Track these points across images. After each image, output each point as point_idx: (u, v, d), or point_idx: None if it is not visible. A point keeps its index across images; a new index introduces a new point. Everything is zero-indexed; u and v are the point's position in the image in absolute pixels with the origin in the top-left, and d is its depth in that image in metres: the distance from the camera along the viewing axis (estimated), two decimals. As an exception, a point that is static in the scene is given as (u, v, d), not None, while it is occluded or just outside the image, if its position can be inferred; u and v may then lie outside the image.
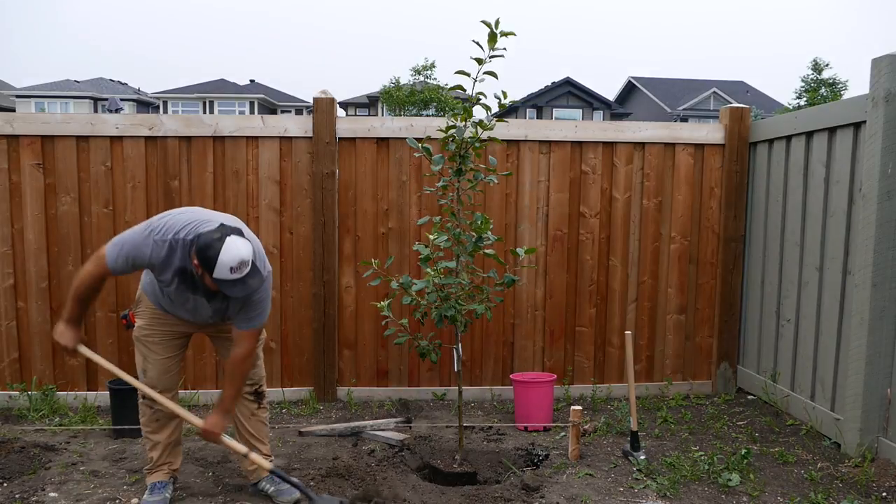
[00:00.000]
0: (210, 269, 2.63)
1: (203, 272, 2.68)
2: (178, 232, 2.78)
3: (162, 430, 3.10)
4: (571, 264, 4.77)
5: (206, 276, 2.68)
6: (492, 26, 3.15)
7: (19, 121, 4.39)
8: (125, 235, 2.86)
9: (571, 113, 39.64)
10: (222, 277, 2.64)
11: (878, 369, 3.54)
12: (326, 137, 4.49)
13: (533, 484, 3.27)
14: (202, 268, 2.67)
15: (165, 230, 2.79)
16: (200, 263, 2.66)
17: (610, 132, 4.74)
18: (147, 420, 3.10)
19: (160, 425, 3.10)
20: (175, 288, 2.85)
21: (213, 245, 2.63)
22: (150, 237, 2.78)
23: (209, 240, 2.65)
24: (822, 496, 3.18)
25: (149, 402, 3.08)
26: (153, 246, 2.77)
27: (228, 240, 2.65)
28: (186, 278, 2.81)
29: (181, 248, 2.77)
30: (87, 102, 42.67)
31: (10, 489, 3.23)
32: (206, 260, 2.64)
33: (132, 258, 2.80)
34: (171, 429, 3.13)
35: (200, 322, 3.06)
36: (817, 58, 32.51)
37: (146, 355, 3.06)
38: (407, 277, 3.47)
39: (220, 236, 2.66)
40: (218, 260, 2.61)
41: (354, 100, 45.51)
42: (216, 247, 2.63)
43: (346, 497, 3.09)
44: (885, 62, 3.44)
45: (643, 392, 4.78)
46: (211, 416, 2.98)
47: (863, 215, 3.58)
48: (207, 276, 2.67)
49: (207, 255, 2.63)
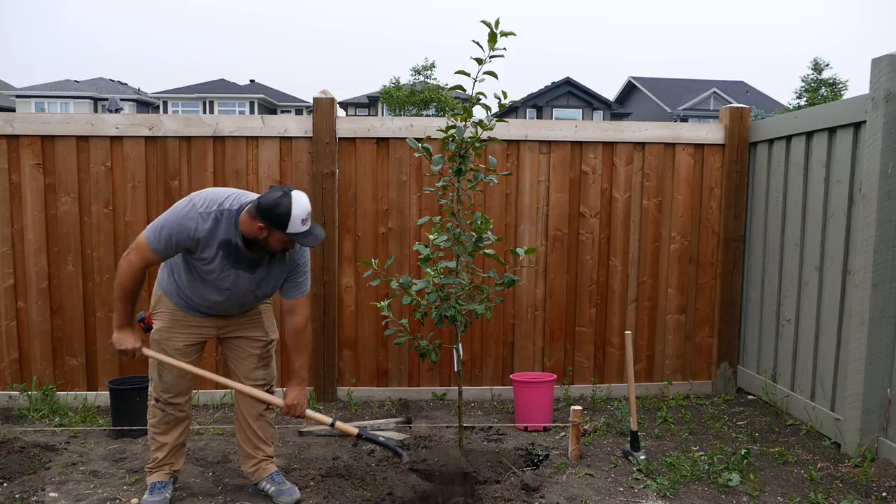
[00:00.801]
0: (283, 225, 2.68)
1: (270, 232, 2.72)
2: (221, 203, 2.80)
3: (171, 432, 3.09)
4: (571, 264, 4.77)
5: (272, 237, 2.73)
6: (492, 26, 3.15)
7: (19, 121, 4.39)
8: (162, 217, 2.81)
9: (571, 113, 39.61)
10: (295, 231, 2.71)
11: (878, 369, 3.54)
12: (326, 137, 4.49)
13: (533, 484, 3.27)
14: (271, 227, 2.70)
15: (208, 202, 2.79)
16: (269, 223, 2.70)
17: (610, 132, 4.75)
18: (157, 422, 3.07)
19: (169, 427, 3.09)
20: (217, 265, 2.82)
21: (282, 202, 2.68)
22: (192, 211, 2.77)
23: (274, 198, 2.69)
24: (822, 496, 3.17)
25: (162, 405, 3.04)
26: (198, 219, 2.76)
27: (294, 194, 2.72)
28: (230, 252, 2.81)
29: (226, 219, 2.78)
30: (87, 102, 42.67)
31: (10, 489, 3.23)
32: (277, 217, 2.68)
33: (175, 236, 2.76)
34: (180, 431, 3.12)
35: (228, 308, 3.00)
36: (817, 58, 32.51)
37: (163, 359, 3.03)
38: (407, 277, 3.47)
39: (283, 193, 2.71)
40: (291, 214, 2.68)
41: (354, 100, 45.50)
42: (285, 202, 2.68)
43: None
44: (885, 62, 3.44)
45: (643, 392, 4.78)
46: (290, 391, 3.03)
47: (863, 215, 3.58)
48: (277, 234, 2.72)
49: (278, 212, 2.67)
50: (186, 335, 3.02)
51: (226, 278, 2.87)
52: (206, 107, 44.35)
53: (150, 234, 2.79)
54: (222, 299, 2.95)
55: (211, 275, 2.85)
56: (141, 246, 2.80)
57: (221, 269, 2.84)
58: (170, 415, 3.06)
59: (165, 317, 3.01)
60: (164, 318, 3.01)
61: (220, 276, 2.86)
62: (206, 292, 2.93)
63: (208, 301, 2.96)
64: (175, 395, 3.04)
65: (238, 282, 2.89)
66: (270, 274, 2.95)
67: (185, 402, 3.10)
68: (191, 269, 2.89)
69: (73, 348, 4.49)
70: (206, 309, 3.00)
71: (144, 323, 3.03)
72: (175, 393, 3.04)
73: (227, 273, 2.86)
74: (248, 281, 2.91)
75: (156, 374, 3.04)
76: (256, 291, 2.98)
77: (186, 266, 2.90)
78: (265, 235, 2.75)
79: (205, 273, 2.86)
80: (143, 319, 3.03)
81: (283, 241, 2.77)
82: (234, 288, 2.91)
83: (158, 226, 2.79)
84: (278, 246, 2.80)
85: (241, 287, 2.92)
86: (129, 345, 2.92)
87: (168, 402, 3.04)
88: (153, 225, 2.81)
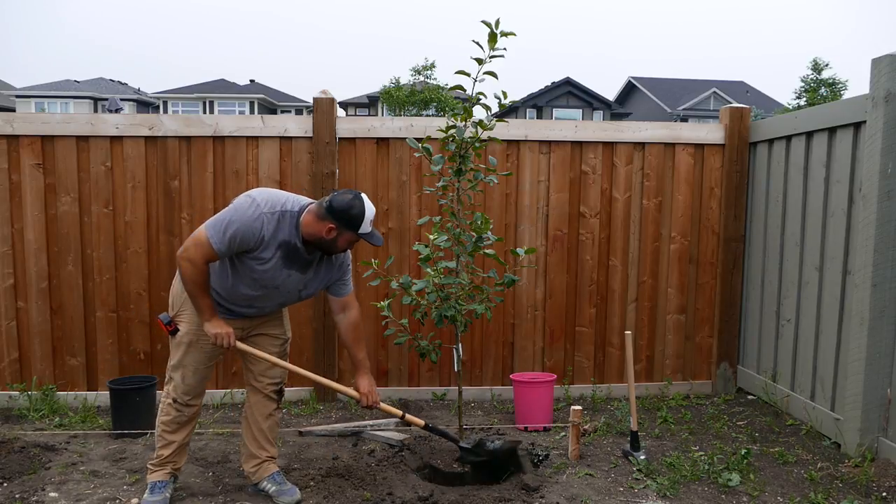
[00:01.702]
0: (356, 226, 2.83)
1: (340, 233, 2.84)
2: (283, 204, 2.86)
3: (181, 431, 3.11)
4: (571, 264, 4.77)
5: (341, 237, 2.85)
6: (492, 26, 3.15)
7: (19, 121, 4.39)
8: (225, 215, 2.79)
9: (571, 113, 39.61)
10: (366, 231, 2.87)
11: (878, 369, 3.54)
12: (326, 137, 4.49)
13: (533, 484, 3.27)
14: (343, 228, 2.82)
15: (272, 203, 2.83)
16: (343, 223, 2.81)
17: (610, 132, 4.74)
18: (170, 420, 3.07)
19: (180, 426, 3.09)
20: (272, 264, 2.85)
21: (355, 204, 2.83)
22: (258, 210, 2.78)
23: (347, 200, 2.82)
24: (822, 496, 3.17)
25: (179, 405, 3.04)
26: (265, 219, 2.78)
27: (363, 196, 2.87)
28: (288, 252, 2.86)
29: (288, 220, 2.84)
30: (87, 102, 42.67)
31: (10, 489, 3.23)
32: (351, 219, 2.81)
33: (240, 235, 2.75)
34: (189, 430, 3.15)
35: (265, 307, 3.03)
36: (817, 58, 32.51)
37: (187, 362, 3.01)
38: (407, 277, 3.47)
39: (354, 196, 2.85)
40: (364, 216, 2.83)
41: (354, 100, 45.50)
42: (358, 205, 2.83)
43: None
44: (885, 62, 3.44)
45: (643, 392, 4.78)
46: (361, 381, 3.16)
47: (863, 215, 3.58)
48: (348, 234, 2.85)
49: (352, 213, 2.81)
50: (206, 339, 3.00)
51: (277, 277, 2.90)
52: (206, 107, 44.35)
53: (213, 232, 2.76)
54: (265, 297, 2.96)
55: (264, 274, 2.87)
56: (202, 244, 2.77)
57: (275, 269, 2.87)
58: (184, 415, 3.08)
59: (193, 318, 2.98)
60: (191, 321, 2.99)
61: (273, 276, 2.89)
62: (247, 290, 2.92)
63: (247, 299, 2.95)
64: (193, 396, 3.08)
65: (287, 281, 2.94)
66: (318, 275, 3.02)
67: (199, 402, 3.15)
68: (236, 267, 2.88)
69: (73, 348, 4.49)
70: (240, 308, 2.99)
71: (170, 326, 3.00)
72: (194, 395, 3.08)
73: (279, 273, 2.89)
74: (297, 281, 2.96)
75: (178, 376, 3.03)
76: (302, 292, 3.04)
77: (230, 264, 2.88)
78: (334, 236, 2.84)
79: (257, 272, 2.86)
80: (169, 322, 3.00)
81: (350, 242, 2.90)
82: (283, 287, 2.95)
83: (223, 225, 2.76)
84: (344, 246, 2.91)
85: (289, 286, 2.97)
86: (222, 330, 2.88)
87: (187, 403, 3.06)
88: (215, 223, 2.78)
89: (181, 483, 3.28)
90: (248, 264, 2.86)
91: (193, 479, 3.37)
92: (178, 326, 3.01)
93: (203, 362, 3.04)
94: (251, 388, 3.21)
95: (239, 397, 4.60)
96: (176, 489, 3.19)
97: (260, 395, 3.19)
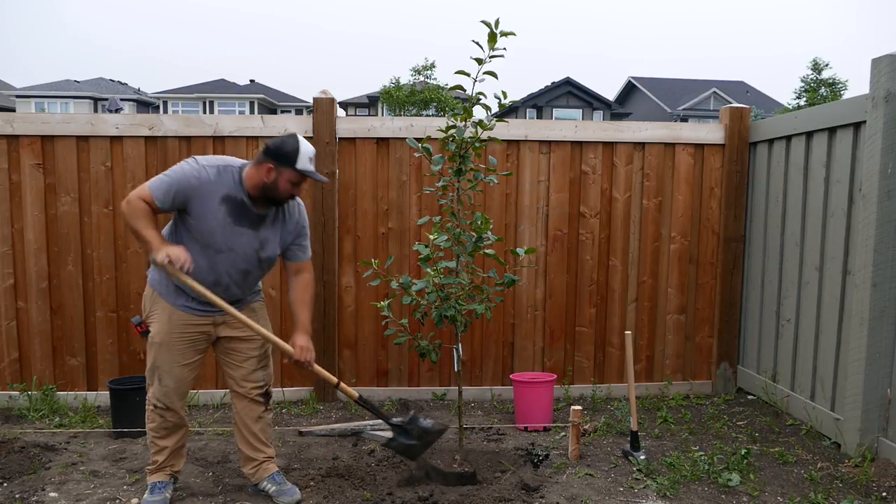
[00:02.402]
0: (293, 161, 2.83)
1: (280, 172, 2.84)
2: (226, 161, 2.93)
3: (170, 436, 3.07)
4: (571, 264, 4.77)
5: (281, 177, 2.85)
6: (492, 26, 3.15)
7: (19, 121, 4.39)
8: (164, 173, 2.87)
9: (571, 113, 39.61)
10: (304, 168, 2.86)
11: (878, 369, 3.54)
12: (326, 137, 4.49)
13: (533, 484, 3.27)
14: (280, 166, 2.83)
15: (212, 160, 2.92)
16: (279, 161, 2.83)
17: (610, 132, 4.75)
18: (156, 427, 3.04)
19: (169, 432, 3.07)
20: (220, 220, 2.84)
21: (288, 141, 2.86)
22: (196, 163, 2.86)
23: (281, 139, 2.88)
24: (822, 496, 3.17)
25: (161, 410, 3.01)
26: (201, 170, 2.84)
27: (299, 136, 2.90)
28: (234, 207, 2.87)
29: (230, 174, 2.88)
30: (87, 102, 42.67)
31: (10, 489, 3.23)
32: (286, 155, 2.83)
33: (177, 182, 2.80)
34: (180, 435, 3.11)
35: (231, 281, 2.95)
36: (817, 58, 32.51)
37: (161, 363, 2.97)
38: (407, 277, 3.47)
39: (289, 135, 2.89)
40: (300, 150, 2.85)
41: (354, 100, 45.49)
42: (292, 140, 2.87)
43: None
44: (885, 62, 3.44)
45: (643, 392, 4.78)
46: (299, 338, 3.07)
47: (863, 215, 3.58)
48: (287, 172, 2.85)
49: (286, 150, 2.84)
50: (187, 334, 2.97)
51: (229, 237, 2.88)
52: (206, 107, 44.35)
53: (153, 182, 2.84)
54: (224, 267, 2.90)
55: (213, 234, 2.85)
56: (142, 191, 2.82)
57: (224, 226, 2.86)
58: (168, 420, 3.03)
59: (163, 318, 2.96)
60: (161, 320, 2.96)
61: (224, 235, 2.86)
62: (204, 260, 2.87)
63: (210, 274, 2.88)
64: (172, 400, 3.00)
65: (241, 240, 2.91)
66: (274, 234, 3.02)
67: (181, 407, 3.06)
68: (192, 239, 2.87)
69: (73, 348, 4.49)
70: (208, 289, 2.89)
71: (141, 327, 2.99)
72: (174, 398, 3.01)
73: (230, 231, 2.88)
74: (251, 239, 2.93)
75: (155, 379, 2.99)
76: (260, 252, 2.98)
77: (185, 237, 2.89)
78: (274, 177, 2.86)
79: (206, 234, 2.85)
80: (139, 323, 2.99)
81: (291, 181, 2.88)
82: (238, 248, 2.91)
83: (163, 176, 2.85)
84: (286, 188, 2.88)
85: (245, 247, 2.92)
86: (177, 251, 2.78)
87: (167, 407, 3.00)
88: (154, 179, 2.86)
89: (181, 483, 3.28)
90: (196, 228, 2.85)
91: (193, 479, 3.37)
92: (148, 328, 2.99)
93: (177, 362, 2.97)
94: (235, 394, 3.16)
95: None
96: (176, 489, 3.19)
97: (245, 399, 3.14)
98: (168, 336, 2.95)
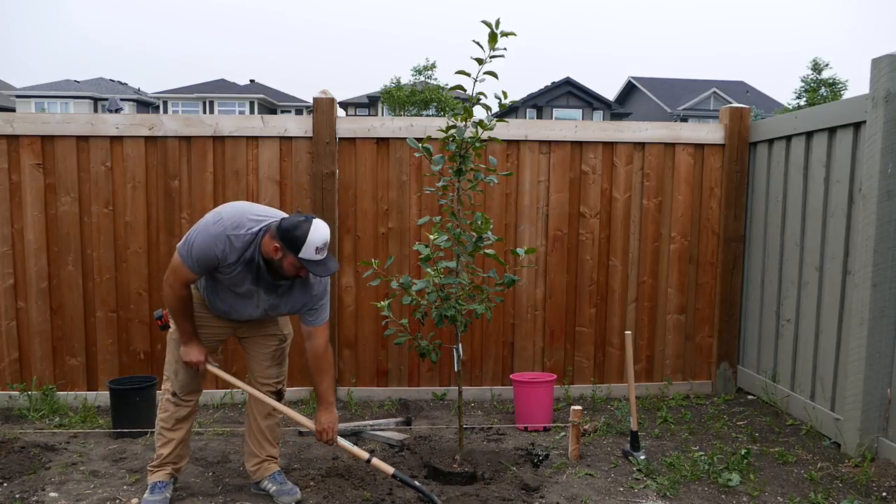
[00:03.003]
0: (297, 249, 2.69)
1: (284, 255, 2.73)
2: (249, 227, 2.81)
3: (179, 428, 3.12)
4: (571, 264, 4.77)
5: (285, 259, 2.74)
6: (492, 26, 3.15)
7: (19, 121, 4.39)
8: (191, 235, 2.82)
9: (571, 113, 39.60)
10: (308, 257, 2.71)
11: (878, 369, 3.54)
12: (326, 137, 4.49)
13: (533, 484, 3.27)
14: (285, 250, 2.72)
15: (238, 223, 2.79)
16: (285, 245, 2.71)
17: (610, 132, 4.74)
18: (168, 416, 3.10)
19: (178, 423, 3.12)
20: (238, 276, 2.84)
21: (301, 226, 2.71)
22: (221, 229, 2.77)
23: (295, 221, 2.73)
24: (822, 496, 3.18)
25: (177, 399, 3.08)
26: (226, 242, 2.76)
27: (315, 221, 2.75)
28: (251, 269, 2.83)
29: (250, 240, 2.80)
30: (87, 102, 42.66)
31: (10, 489, 3.23)
32: (292, 240, 2.69)
33: (203, 255, 2.77)
34: (188, 427, 3.17)
35: (242, 318, 3.04)
36: (817, 58, 32.51)
37: (179, 357, 3.04)
38: (407, 277, 3.47)
39: (305, 218, 2.75)
40: (307, 239, 2.69)
41: (354, 100, 45.48)
42: (304, 227, 2.71)
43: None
44: (885, 62, 3.44)
45: (643, 392, 4.78)
46: (320, 415, 3.04)
47: (863, 215, 3.58)
48: (290, 257, 2.72)
49: (294, 234, 2.69)
50: (205, 333, 3.07)
51: (247, 290, 2.91)
52: (206, 107, 44.34)
53: (183, 252, 2.81)
54: (241, 305, 2.98)
55: (235, 286, 2.90)
56: (177, 267, 2.84)
57: (243, 281, 2.87)
58: (182, 410, 3.11)
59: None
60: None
61: (243, 287, 2.90)
62: (231, 300, 2.97)
63: (226, 304, 2.99)
64: (188, 392, 3.11)
65: (256, 296, 2.94)
66: (287, 301, 2.97)
67: (196, 398, 3.18)
68: (217, 279, 2.93)
69: (73, 348, 4.49)
70: (223, 313, 3.04)
71: (162, 320, 3.09)
72: (189, 391, 3.11)
73: (248, 286, 2.89)
74: (263, 299, 2.95)
75: (171, 373, 3.10)
76: (269, 312, 3.02)
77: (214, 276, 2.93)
78: (279, 257, 2.76)
79: (229, 283, 2.90)
80: (160, 317, 3.09)
81: (294, 267, 2.77)
82: (253, 300, 2.96)
83: (189, 246, 2.80)
84: (290, 271, 2.79)
85: (259, 301, 2.96)
86: (193, 357, 2.98)
87: (183, 398, 3.10)
88: (183, 245, 2.83)
89: (181, 483, 3.28)
90: (222, 276, 2.89)
91: (193, 479, 3.37)
92: (168, 322, 3.09)
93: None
94: (251, 386, 3.23)
95: (239, 397, 4.60)
96: (176, 489, 3.19)
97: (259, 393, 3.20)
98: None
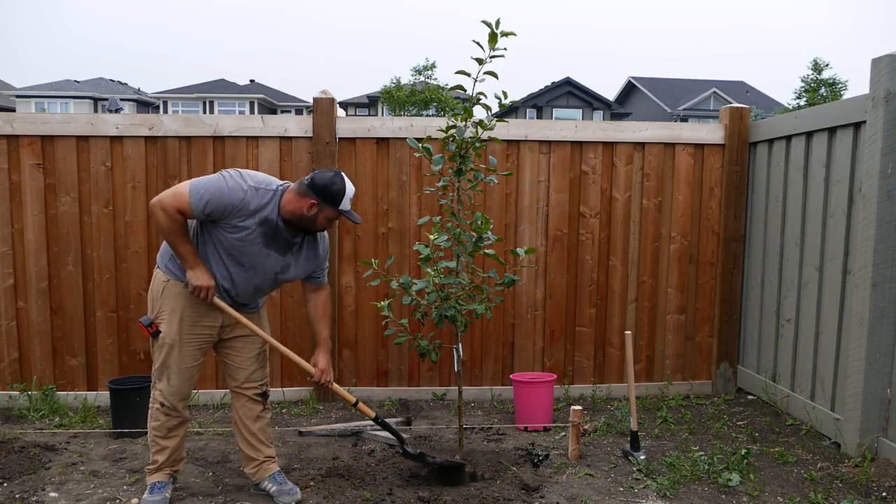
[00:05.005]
0: (337, 202, 2.88)
1: (321, 209, 2.87)
2: (269, 184, 2.90)
3: (172, 436, 3.08)
4: (571, 264, 4.77)
5: (321, 213, 2.89)
6: (492, 26, 3.15)
7: (19, 121, 4.39)
8: (211, 180, 2.81)
9: (571, 113, 39.61)
10: (345, 208, 2.92)
11: (878, 369, 3.54)
12: (326, 137, 4.49)
13: (533, 484, 3.27)
14: (323, 204, 2.86)
15: (258, 180, 2.87)
16: (323, 199, 2.86)
17: (610, 132, 4.75)
18: (159, 426, 3.05)
19: (171, 431, 3.07)
20: (251, 238, 2.85)
21: (336, 181, 2.88)
22: (241, 182, 2.80)
23: (329, 177, 2.88)
24: (822, 496, 3.18)
25: (167, 409, 3.02)
26: (248, 191, 2.80)
27: (343, 174, 2.93)
28: (268, 230, 2.88)
29: (271, 197, 2.86)
30: (87, 102, 42.67)
31: (10, 489, 3.23)
32: (332, 195, 2.86)
33: (217, 200, 2.76)
34: (181, 435, 3.12)
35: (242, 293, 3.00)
36: (817, 58, 32.51)
37: (171, 363, 2.98)
38: (407, 277, 3.47)
39: (335, 173, 2.91)
40: (346, 192, 2.89)
41: (354, 100, 45.49)
42: (339, 181, 2.89)
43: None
44: (885, 62, 3.44)
45: (643, 392, 4.78)
46: (321, 357, 3.15)
47: (863, 215, 3.58)
48: (328, 210, 2.89)
49: (334, 189, 2.86)
50: (196, 336, 3.00)
51: (256, 256, 2.90)
52: (206, 107, 44.35)
53: (195, 191, 2.76)
54: (242, 278, 2.95)
55: (242, 249, 2.87)
56: (181, 196, 2.77)
57: (253, 244, 2.87)
58: (173, 419, 3.05)
59: (173, 320, 2.96)
60: (171, 321, 2.96)
61: (251, 253, 2.89)
62: (225, 271, 2.92)
63: (225, 279, 2.94)
64: (180, 399, 3.04)
65: (266, 261, 2.94)
66: (298, 261, 3.04)
67: (185, 406, 3.10)
68: (215, 243, 2.88)
69: (73, 348, 4.49)
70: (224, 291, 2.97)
71: (151, 327, 2.97)
72: (180, 398, 3.04)
73: (258, 250, 2.89)
74: (275, 262, 2.96)
75: (164, 378, 3.01)
76: (279, 275, 3.03)
77: (209, 240, 2.89)
78: (315, 212, 2.87)
79: (236, 247, 2.87)
80: (150, 324, 2.98)
81: (330, 219, 2.93)
82: (260, 268, 2.95)
83: (206, 187, 2.78)
84: (323, 223, 2.94)
85: (267, 268, 2.96)
86: (203, 281, 2.86)
87: (172, 406, 3.02)
88: (200, 183, 2.80)
89: (181, 483, 3.28)
90: (227, 238, 2.85)
91: (193, 479, 3.37)
92: (159, 328, 2.98)
93: (187, 363, 3.00)
94: (234, 393, 3.18)
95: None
96: (176, 489, 3.19)
97: (243, 398, 3.17)
98: (179, 336, 2.97)
